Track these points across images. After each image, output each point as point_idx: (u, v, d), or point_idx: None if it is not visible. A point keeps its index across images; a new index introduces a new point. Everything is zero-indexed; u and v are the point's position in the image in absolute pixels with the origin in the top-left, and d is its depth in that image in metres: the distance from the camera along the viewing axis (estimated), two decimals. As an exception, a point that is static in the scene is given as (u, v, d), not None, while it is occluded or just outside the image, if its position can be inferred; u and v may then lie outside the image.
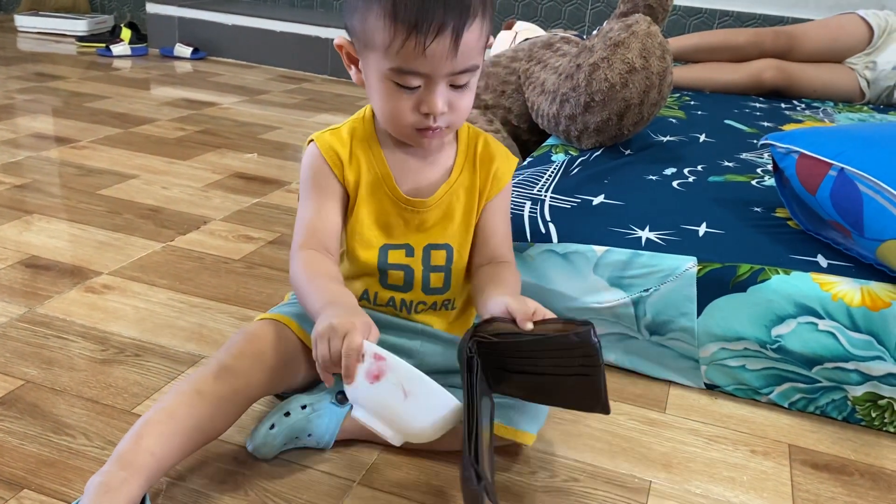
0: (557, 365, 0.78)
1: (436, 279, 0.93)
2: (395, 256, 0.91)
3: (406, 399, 0.73)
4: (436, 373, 0.92)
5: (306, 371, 0.90)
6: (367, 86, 0.84)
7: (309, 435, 0.88)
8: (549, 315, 0.79)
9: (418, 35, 0.74)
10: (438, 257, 0.93)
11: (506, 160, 0.95)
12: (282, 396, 0.95)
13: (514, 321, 0.78)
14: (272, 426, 0.86)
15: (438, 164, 0.92)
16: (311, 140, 0.90)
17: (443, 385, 0.91)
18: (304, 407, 0.88)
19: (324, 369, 0.74)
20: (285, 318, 0.89)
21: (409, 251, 0.92)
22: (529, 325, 0.77)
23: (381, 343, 0.83)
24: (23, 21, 3.67)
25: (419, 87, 0.79)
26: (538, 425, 0.90)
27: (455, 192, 0.92)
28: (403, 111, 0.81)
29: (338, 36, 0.85)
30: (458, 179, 0.92)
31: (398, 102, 0.80)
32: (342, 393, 0.91)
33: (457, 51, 0.76)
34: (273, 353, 0.85)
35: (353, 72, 0.85)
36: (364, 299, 0.94)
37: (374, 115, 0.89)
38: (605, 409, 0.79)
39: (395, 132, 0.86)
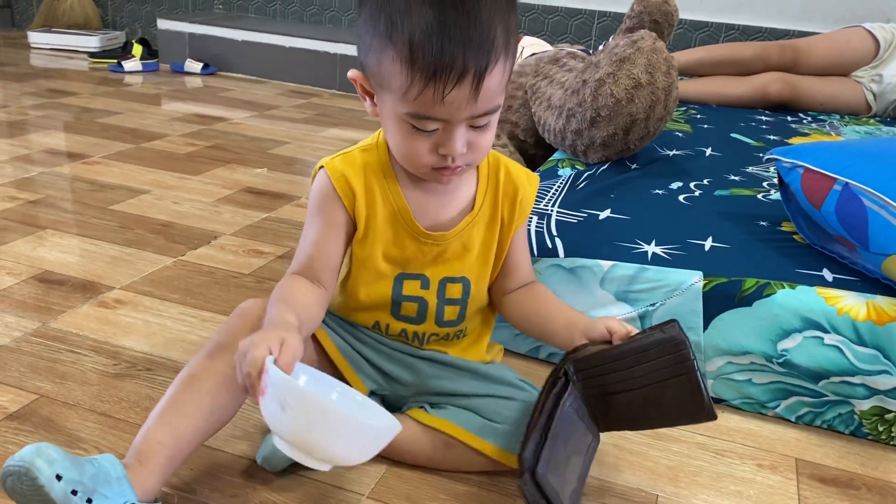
0: (654, 370, 0.80)
1: (450, 312, 0.91)
2: (410, 287, 0.89)
3: (284, 412, 0.65)
4: (440, 394, 0.93)
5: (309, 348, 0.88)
6: (383, 121, 0.81)
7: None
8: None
9: (437, 83, 0.71)
10: (454, 290, 0.91)
11: (529, 186, 0.92)
12: None
13: (605, 342, 0.83)
14: (282, 438, 0.87)
15: (459, 196, 0.89)
16: (322, 166, 0.87)
17: (448, 405, 0.92)
18: (312, 420, 0.89)
19: (243, 390, 0.69)
20: None
21: (425, 283, 0.89)
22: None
23: (381, 362, 0.89)
24: (36, 37, 3.72)
25: (437, 129, 0.76)
26: None
27: (476, 224, 0.89)
28: (420, 152, 0.78)
29: (351, 69, 0.82)
30: (479, 212, 0.89)
31: (415, 143, 0.77)
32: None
33: (477, 96, 0.73)
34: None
35: (367, 103, 0.82)
36: (375, 328, 0.93)
37: (388, 144, 0.85)
38: (711, 414, 0.80)
39: (412, 170, 0.83)
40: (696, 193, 1.42)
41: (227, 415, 0.82)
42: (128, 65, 3.34)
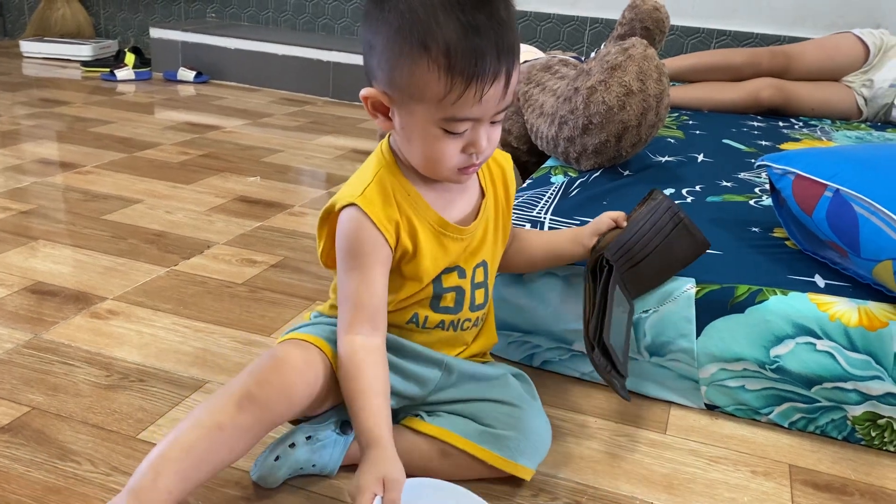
0: (659, 231, 1.03)
1: (479, 295, 0.95)
2: (449, 280, 0.91)
3: None
4: (440, 403, 0.94)
5: (333, 399, 0.87)
6: (405, 134, 0.82)
7: (313, 465, 0.88)
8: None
9: (477, 84, 0.75)
10: (479, 274, 0.94)
11: (507, 164, 0.98)
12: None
13: (613, 229, 1.04)
14: (277, 458, 0.86)
15: (468, 187, 0.93)
16: (351, 204, 0.83)
17: (444, 412, 0.92)
18: (308, 438, 0.88)
19: None
20: (316, 340, 0.86)
21: (462, 273, 0.92)
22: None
23: (393, 382, 0.88)
24: (28, 47, 3.72)
25: (466, 130, 0.80)
26: (538, 460, 0.91)
27: (489, 209, 0.94)
28: (450, 155, 0.81)
29: (364, 88, 0.83)
30: (488, 197, 0.94)
31: (445, 147, 0.80)
32: (347, 422, 0.91)
33: (506, 93, 0.78)
34: (300, 383, 0.81)
35: (379, 119, 0.83)
36: (412, 323, 0.92)
37: (393, 155, 0.87)
38: (706, 243, 1.07)
39: (435, 174, 0.84)
40: (689, 200, 1.42)
41: (232, 462, 0.80)
42: (120, 73, 3.34)
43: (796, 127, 2.24)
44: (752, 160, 1.75)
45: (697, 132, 2.04)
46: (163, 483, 0.73)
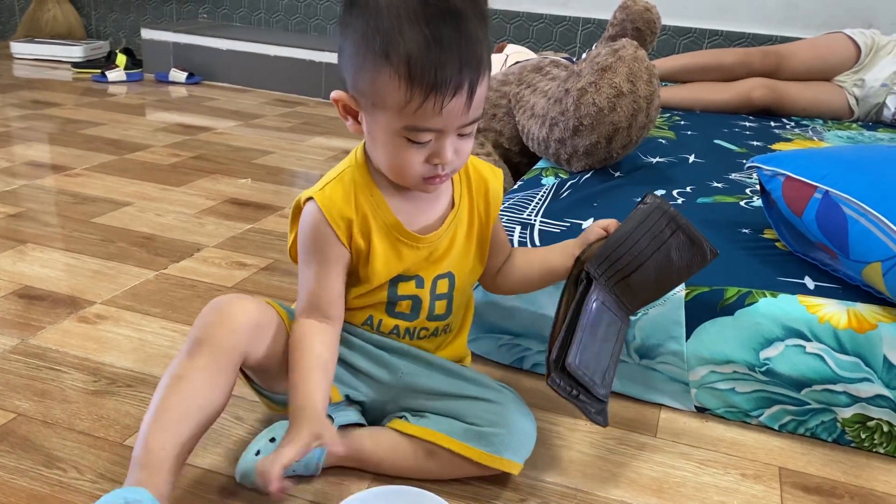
0: (653, 238, 0.92)
1: (440, 306, 0.94)
2: (406, 288, 0.91)
3: None
4: (418, 392, 0.94)
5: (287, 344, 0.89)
6: (371, 139, 0.84)
7: (297, 461, 0.88)
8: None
9: (437, 96, 0.75)
10: (443, 285, 0.94)
11: (495, 178, 0.97)
12: (276, 403, 0.94)
13: (602, 239, 0.96)
14: (258, 452, 0.87)
15: (440, 197, 0.92)
16: (311, 198, 0.86)
17: (429, 412, 0.92)
18: (289, 433, 0.88)
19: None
20: (261, 298, 0.90)
21: (420, 282, 0.91)
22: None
23: (356, 360, 0.91)
24: (19, 48, 3.70)
25: (429, 140, 0.80)
26: (524, 454, 0.91)
27: (459, 221, 0.93)
28: (413, 164, 0.81)
29: (334, 91, 0.83)
30: (459, 208, 0.93)
31: (408, 156, 0.80)
32: (329, 417, 0.90)
33: (470, 106, 0.78)
34: (239, 311, 0.84)
35: (349, 123, 0.85)
36: (367, 324, 0.94)
37: (366, 158, 0.88)
38: (713, 252, 0.94)
39: (401, 181, 0.85)
40: (680, 201, 1.42)
41: (220, 405, 0.83)
42: (112, 75, 3.32)
43: (788, 127, 2.24)
44: (744, 161, 1.75)
45: (689, 133, 2.04)
46: (154, 444, 0.76)
